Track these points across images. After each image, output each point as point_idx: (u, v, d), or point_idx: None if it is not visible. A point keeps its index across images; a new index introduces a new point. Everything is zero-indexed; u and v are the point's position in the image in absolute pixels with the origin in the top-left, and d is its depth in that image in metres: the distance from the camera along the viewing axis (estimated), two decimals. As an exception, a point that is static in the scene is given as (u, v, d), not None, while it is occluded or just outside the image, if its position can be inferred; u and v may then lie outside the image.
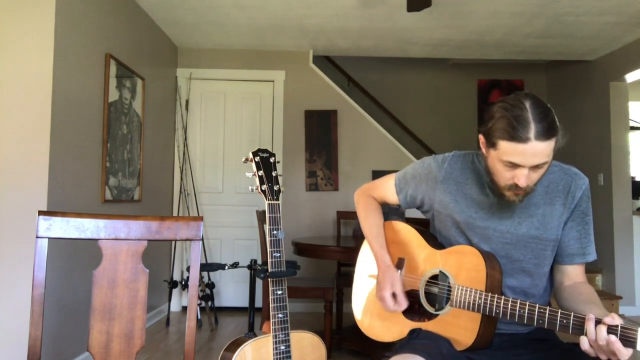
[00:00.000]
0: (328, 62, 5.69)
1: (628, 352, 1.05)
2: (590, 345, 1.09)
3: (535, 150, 1.24)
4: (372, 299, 1.64)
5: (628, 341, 1.04)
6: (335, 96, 4.97)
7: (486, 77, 6.16)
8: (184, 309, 4.79)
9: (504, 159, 1.29)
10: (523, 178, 1.28)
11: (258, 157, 1.48)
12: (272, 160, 1.49)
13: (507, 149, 1.27)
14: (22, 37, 2.65)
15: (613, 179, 4.82)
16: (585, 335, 1.10)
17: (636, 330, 1.04)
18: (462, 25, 4.21)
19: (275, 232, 1.43)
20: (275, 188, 1.46)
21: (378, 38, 4.57)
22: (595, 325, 1.08)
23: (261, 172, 1.46)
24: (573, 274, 1.45)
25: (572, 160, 5.35)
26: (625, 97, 4.89)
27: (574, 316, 1.14)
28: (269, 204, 1.44)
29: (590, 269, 4.98)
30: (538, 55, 5.12)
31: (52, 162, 2.67)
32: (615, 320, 1.07)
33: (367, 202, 1.73)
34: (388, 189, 1.70)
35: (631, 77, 4.72)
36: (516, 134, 1.23)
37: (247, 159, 1.49)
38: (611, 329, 1.06)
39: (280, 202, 1.46)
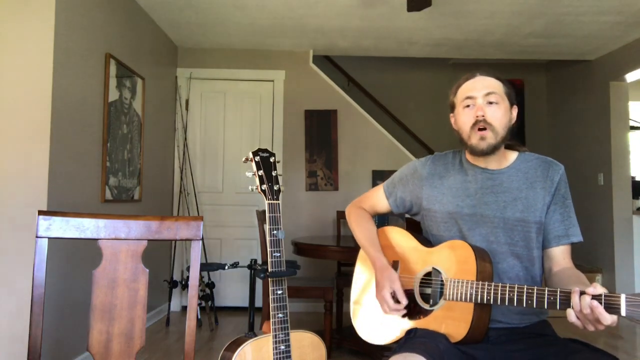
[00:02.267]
0: (328, 62, 5.68)
1: (612, 317, 1.10)
2: (577, 317, 1.14)
3: (484, 82, 1.52)
4: (369, 304, 1.66)
5: (612, 308, 1.10)
6: (335, 96, 4.96)
7: (486, 77, 6.15)
8: (184, 308, 4.79)
9: (462, 100, 1.53)
10: (480, 110, 1.48)
11: (258, 157, 1.48)
12: (272, 160, 1.49)
13: (462, 91, 1.55)
14: (22, 37, 2.65)
15: (613, 179, 4.81)
16: (572, 308, 1.15)
17: (619, 297, 1.09)
18: (462, 25, 4.21)
19: (275, 232, 1.43)
20: (275, 188, 1.46)
21: (378, 38, 4.57)
22: (580, 296, 1.14)
23: (261, 172, 1.46)
24: (560, 258, 1.51)
25: (572, 160, 5.35)
26: (625, 97, 4.88)
27: (560, 291, 1.20)
28: (269, 203, 1.44)
29: (590, 269, 4.98)
30: (538, 55, 5.11)
31: (52, 162, 2.67)
32: (597, 289, 1.12)
33: (358, 213, 1.80)
34: (378, 197, 1.79)
35: (631, 77, 4.72)
36: (467, 77, 1.56)
37: (247, 159, 1.49)
38: (595, 298, 1.11)
39: (280, 201, 1.46)
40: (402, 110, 5.99)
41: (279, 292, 1.44)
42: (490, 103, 1.49)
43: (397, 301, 1.52)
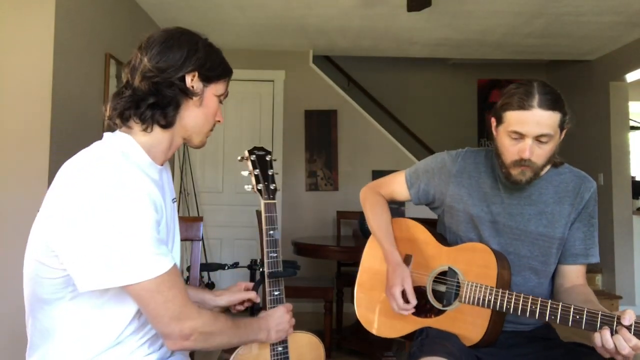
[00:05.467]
0: (328, 62, 5.68)
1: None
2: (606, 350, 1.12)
3: (538, 119, 1.32)
4: (376, 294, 1.63)
5: None
6: (335, 96, 4.96)
7: (486, 77, 6.15)
8: (184, 308, 4.79)
9: (509, 130, 1.36)
10: (527, 150, 1.34)
11: (254, 156, 1.47)
12: (268, 158, 1.47)
13: (512, 118, 1.35)
14: (22, 37, 2.65)
15: (613, 179, 4.80)
16: (601, 342, 1.12)
17: None
18: (462, 25, 4.21)
19: (271, 232, 1.42)
20: (272, 187, 1.44)
21: (378, 38, 4.57)
22: (612, 335, 1.11)
23: (257, 171, 1.45)
24: (573, 276, 1.46)
25: (572, 160, 5.31)
26: (625, 97, 4.88)
27: (587, 312, 1.15)
28: (265, 203, 1.42)
29: (590, 269, 4.97)
30: (538, 55, 5.11)
31: (52, 162, 2.67)
32: (632, 317, 1.10)
33: (374, 199, 1.72)
34: (398, 184, 1.69)
35: (631, 77, 4.71)
36: (521, 103, 1.33)
37: (242, 158, 1.48)
38: (627, 328, 1.09)
39: (276, 201, 1.45)
40: (402, 110, 5.98)
41: (276, 292, 1.43)
42: (541, 142, 1.35)
43: (407, 301, 1.48)
